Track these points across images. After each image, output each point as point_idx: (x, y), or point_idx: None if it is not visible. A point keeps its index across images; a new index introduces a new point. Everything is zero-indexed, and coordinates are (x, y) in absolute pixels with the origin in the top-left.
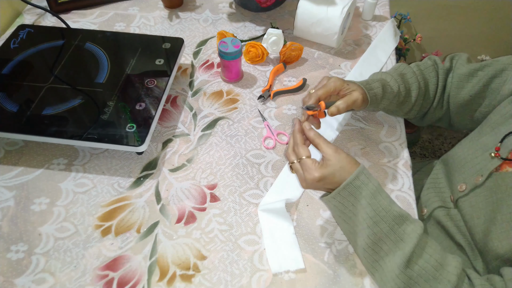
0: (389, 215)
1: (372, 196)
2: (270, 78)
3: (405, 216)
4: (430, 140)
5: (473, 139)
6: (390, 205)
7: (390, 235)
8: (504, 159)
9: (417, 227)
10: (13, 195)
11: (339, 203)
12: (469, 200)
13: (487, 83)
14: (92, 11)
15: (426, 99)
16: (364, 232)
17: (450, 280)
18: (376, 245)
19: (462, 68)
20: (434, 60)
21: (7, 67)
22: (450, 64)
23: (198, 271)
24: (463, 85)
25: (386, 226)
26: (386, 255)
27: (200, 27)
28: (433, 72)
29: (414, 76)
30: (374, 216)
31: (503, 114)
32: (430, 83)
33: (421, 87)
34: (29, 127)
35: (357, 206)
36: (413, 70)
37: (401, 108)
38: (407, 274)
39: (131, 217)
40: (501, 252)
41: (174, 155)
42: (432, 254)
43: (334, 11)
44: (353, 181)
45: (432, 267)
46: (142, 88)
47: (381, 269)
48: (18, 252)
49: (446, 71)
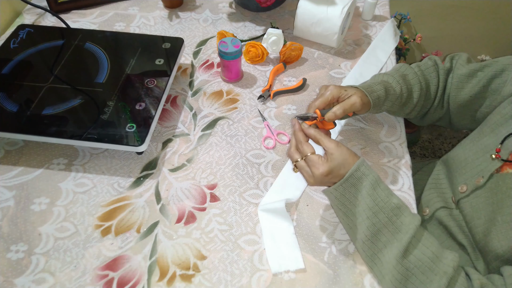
0: (387, 206)
1: (371, 186)
2: (270, 78)
3: (403, 208)
4: (430, 140)
5: (474, 140)
6: (389, 196)
7: (388, 226)
8: (504, 160)
9: (415, 219)
10: (13, 195)
11: (340, 195)
12: (470, 201)
13: (487, 84)
14: (92, 11)
15: (427, 99)
16: (363, 224)
17: (446, 271)
18: (374, 237)
19: (462, 68)
20: (435, 61)
21: (7, 67)
22: (450, 64)
23: (198, 271)
24: (463, 86)
25: (384, 217)
26: (384, 246)
27: (200, 27)
28: (434, 72)
29: (416, 77)
30: (373, 207)
31: (503, 115)
32: (431, 83)
33: (423, 88)
34: (29, 127)
35: (357, 196)
36: (415, 71)
37: (403, 109)
38: (404, 265)
39: (131, 217)
40: (500, 252)
41: (174, 155)
42: (429, 246)
43: (334, 11)
44: (355, 173)
45: (428, 259)
46: (142, 88)
47: (380, 262)
48: (18, 252)
49: (447, 71)
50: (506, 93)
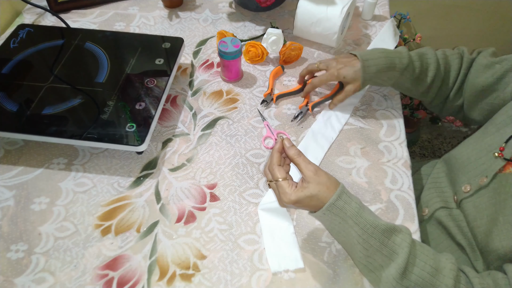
0: (377, 230)
1: (357, 214)
2: (270, 82)
3: (392, 228)
4: (430, 140)
5: (478, 139)
6: (375, 220)
7: (381, 249)
8: (507, 160)
9: (406, 235)
10: (13, 194)
11: (326, 221)
12: (473, 201)
13: (501, 76)
14: (92, 11)
15: (445, 84)
16: (356, 247)
17: (447, 284)
18: (370, 258)
19: (483, 59)
20: (462, 50)
21: (6, 66)
22: (476, 56)
23: (198, 271)
24: (478, 75)
25: (376, 242)
26: (381, 267)
27: (200, 26)
28: (457, 59)
29: (434, 57)
30: (363, 234)
31: (509, 115)
32: (452, 69)
33: (441, 70)
34: (29, 127)
35: (344, 225)
36: (436, 53)
37: (416, 86)
38: (404, 284)
39: (131, 216)
40: (502, 252)
41: (174, 155)
42: (426, 260)
43: (334, 11)
44: (336, 202)
45: (428, 274)
46: (142, 88)
47: (378, 280)
48: (18, 251)
49: (471, 61)
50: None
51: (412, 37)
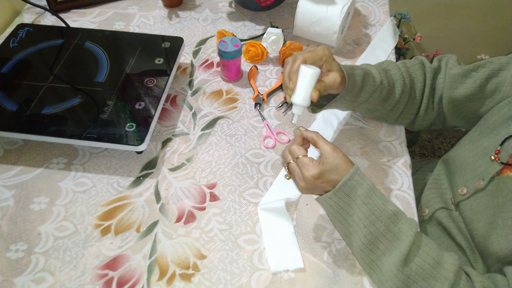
0: (384, 214)
1: (367, 195)
2: (252, 85)
3: (400, 215)
4: (430, 140)
5: (473, 140)
6: (385, 204)
7: (386, 234)
8: (504, 164)
9: (412, 225)
10: (13, 194)
11: (334, 203)
12: (470, 204)
13: (484, 84)
14: (92, 10)
15: (412, 99)
16: (360, 232)
17: (447, 277)
18: (372, 245)
19: (455, 68)
20: (421, 60)
21: (6, 66)
22: (438, 65)
23: (198, 270)
24: (457, 86)
25: (382, 225)
26: (383, 254)
27: (199, 26)
28: (419, 70)
29: (399, 72)
30: (370, 215)
31: (501, 115)
32: (416, 81)
33: (406, 84)
34: (29, 126)
35: (352, 206)
36: (398, 66)
37: (383, 105)
38: (404, 272)
39: (131, 216)
40: (501, 255)
41: (173, 154)
42: (429, 252)
43: (334, 11)
44: (348, 181)
45: (429, 265)
46: (142, 87)
47: (379, 269)
48: (18, 251)
49: (434, 71)
50: (506, 93)
51: (412, 37)
